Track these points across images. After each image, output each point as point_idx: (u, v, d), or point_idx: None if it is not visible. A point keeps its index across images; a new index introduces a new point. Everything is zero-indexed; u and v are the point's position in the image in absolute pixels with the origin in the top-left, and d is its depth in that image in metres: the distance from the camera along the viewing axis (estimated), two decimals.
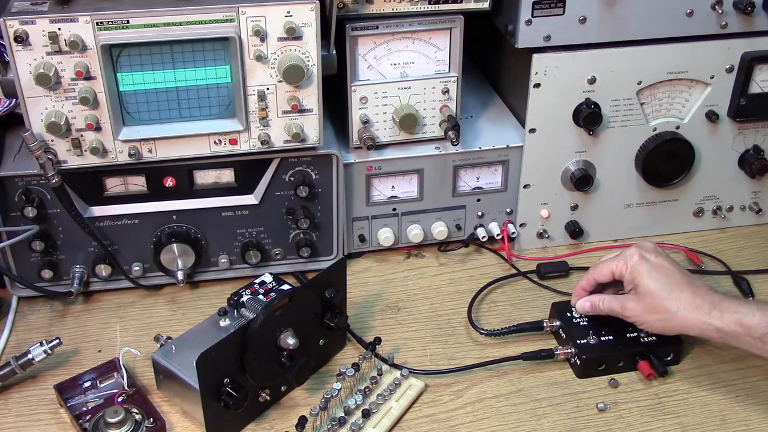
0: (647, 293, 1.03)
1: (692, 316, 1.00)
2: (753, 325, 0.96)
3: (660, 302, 1.02)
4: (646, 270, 1.03)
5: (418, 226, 1.30)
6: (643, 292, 1.03)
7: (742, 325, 0.97)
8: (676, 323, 1.02)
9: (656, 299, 1.02)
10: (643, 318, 1.04)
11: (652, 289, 1.02)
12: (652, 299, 1.02)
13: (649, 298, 1.03)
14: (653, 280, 1.02)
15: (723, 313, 0.98)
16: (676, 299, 1.01)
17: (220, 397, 0.95)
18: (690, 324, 1.01)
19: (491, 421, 1.03)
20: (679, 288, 1.02)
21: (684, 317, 1.01)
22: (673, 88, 1.25)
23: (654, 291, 1.02)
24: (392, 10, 1.14)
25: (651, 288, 1.02)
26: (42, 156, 1.04)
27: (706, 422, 1.02)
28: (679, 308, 1.01)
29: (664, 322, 1.03)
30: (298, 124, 1.12)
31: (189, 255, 1.19)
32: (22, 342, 1.13)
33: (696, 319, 1.00)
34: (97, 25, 1.01)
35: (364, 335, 1.15)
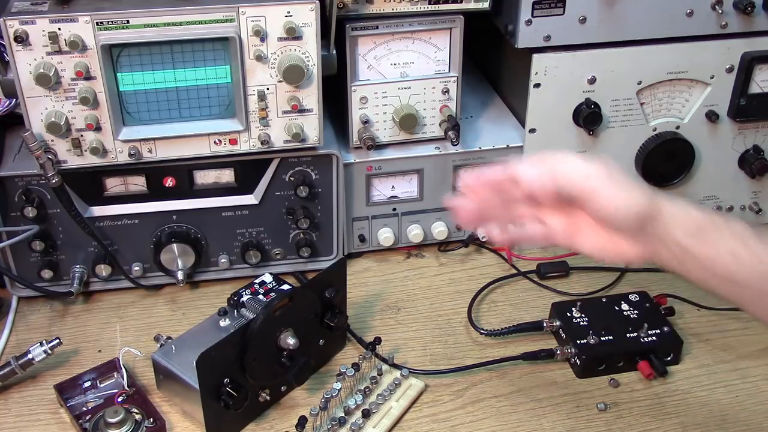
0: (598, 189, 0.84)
1: (632, 202, 0.83)
2: (685, 226, 0.82)
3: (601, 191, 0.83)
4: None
5: (418, 226, 1.30)
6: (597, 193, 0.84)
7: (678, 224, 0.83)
8: (618, 212, 0.85)
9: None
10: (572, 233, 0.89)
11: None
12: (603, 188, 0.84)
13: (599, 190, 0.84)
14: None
15: (660, 207, 0.83)
16: (617, 187, 0.83)
17: (220, 397, 0.95)
18: (632, 209, 0.83)
19: (491, 421, 1.03)
20: (624, 182, 0.84)
21: (625, 205, 0.83)
22: (673, 88, 1.25)
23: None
24: (392, 10, 1.14)
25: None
26: (42, 156, 1.04)
27: (706, 422, 1.02)
28: (617, 194, 0.83)
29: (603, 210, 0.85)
30: (298, 124, 1.12)
31: (189, 255, 1.19)
32: (22, 342, 1.13)
33: (636, 203, 0.83)
34: (97, 25, 1.01)
35: (364, 335, 1.15)
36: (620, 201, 0.82)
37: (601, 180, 0.82)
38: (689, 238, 0.82)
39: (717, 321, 1.18)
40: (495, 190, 0.87)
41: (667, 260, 0.84)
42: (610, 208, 0.82)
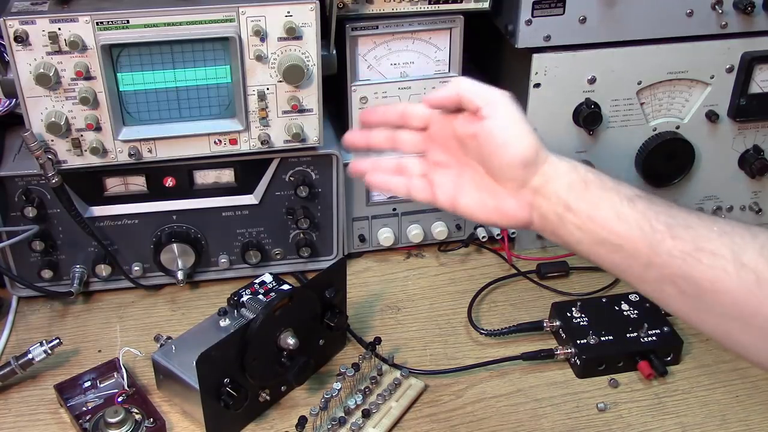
0: (499, 123, 0.83)
1: (526, 146, 0.82)
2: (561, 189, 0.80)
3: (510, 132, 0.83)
4: (501, 98, 0.85)
5: (418, 226, 1.30)
6: (496, 123, 0.83)
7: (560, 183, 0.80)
8: (513, 156, 0.83)
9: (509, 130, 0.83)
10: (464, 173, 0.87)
11: (506, 117, 0.84)
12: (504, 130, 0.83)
13: (501, 130, 0.83)
14: (511, 109, 0.85)
15: (548, 157, 0.82)
16: (526, 131, 0.83)
17: (220, 397, 0.95)
18: (522, 155, 0.82)
19: (491, 421, 1.03)
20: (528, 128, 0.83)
21: (521, 146, 0.82)
22: (673, 88, 1.25)
23: (507, 122, 0.83)
24: (392, 10, 1.14)
25: (506, 117, 0.84)
26: (42, 156, 1.04)
27: (706, 422, 1.02)
28: (519, 136, 0.83)
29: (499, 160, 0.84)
30: (298, 124, 1.12)
31: (189, 255, 1.19)
32: (22, 342, 1.13)
33: (529, 147, 0.82)
34: (97, 25, 1.01)
35: (364, 335, 1.15)
36: (513, 135, 0.80)
37: (504, 102, 0.82)
38: (571, 191, 0.78)
39: None
40: (388, 127, 0.90)
41: (546, 219, 0.80)
42: (503, 137, 0.80)
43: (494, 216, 0.84)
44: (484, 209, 0.84)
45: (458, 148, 0.85)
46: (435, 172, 0.87)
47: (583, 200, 0.77)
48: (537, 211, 0.81)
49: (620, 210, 0.75)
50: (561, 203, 0.78)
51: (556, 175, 0.80)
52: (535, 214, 0.81)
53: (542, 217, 0.80)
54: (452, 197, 0.86)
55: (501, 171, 0.81)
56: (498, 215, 0.83)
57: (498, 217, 0.83)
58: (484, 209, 0.84)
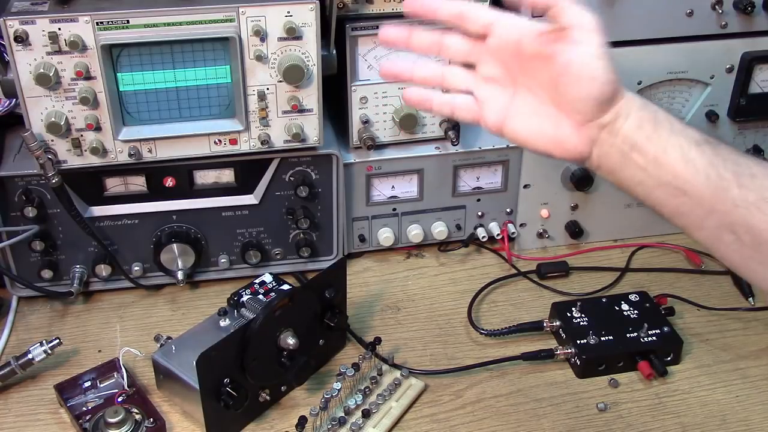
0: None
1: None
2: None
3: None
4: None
5: (418, 226, 1.30)
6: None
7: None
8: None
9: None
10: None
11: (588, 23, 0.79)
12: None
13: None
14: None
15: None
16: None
17: (220, 397, 0.95)
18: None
19: (491, 421, 1.03)
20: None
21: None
22: (673, 88, 1.25)
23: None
24: (392, 10, 1.14)
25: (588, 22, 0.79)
26: (42, 156, 1.04)
27: (706, 422, 1.02)
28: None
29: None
30: (298, 124, 1.12)
31: (189, 255, 1.19)
32: (22, 342, 1.13)
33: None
34: (97, 25, 1.01)
35: (364, 335, 1.15)
36: (598, 69, 0.74)
37: (598, 31, 0.75)
38: (640, 131, 0.74)
39: (717, 321, 1.18)
40: (436, 37, 0.80)
41: (607, 157, 0.75)
42: (587, 70, 0.74)
43: (550, 146, 0.77)
44: (539, 137, 0.77)
45: (519, 65, 0.77)
46: (483, 89, 0.79)
47: (652, 141, 0.73)
48: (599, 148, 0.76)
49: (688, 154, 0.72)
50: (628, 142, 0.74)
51: (628, 112, 0.75)
52: (596, 150, 0.76)
53: (604, 155, 0.76)
54: (502, 119, 0.78)
55: (572, 103, 0.75)
56: (554, 145, 0.77)
57: (554, 147, 0.77)
58: (540, 137, 0.77)
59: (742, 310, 1.20)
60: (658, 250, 1.34)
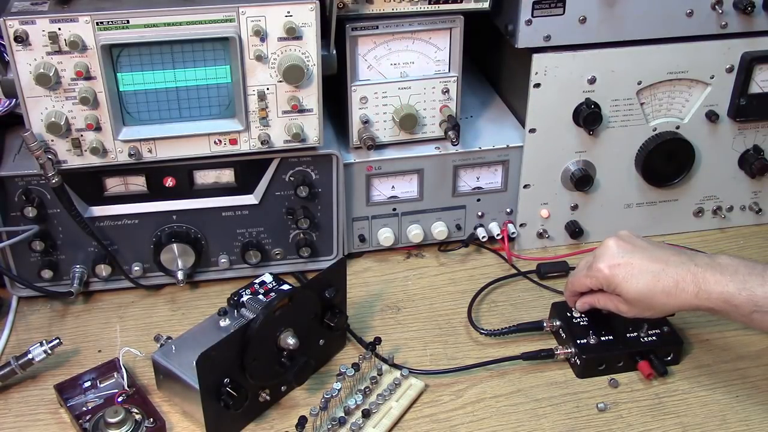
0: (632, 300, 1.01)
1: (682, 302, 0.98)
2: (739, 304, 0.95)
3: (648, 302, 1.00)
4: (622, 279, 1.01)
5: (418, 226, 1.30)
6: (629, 299, 1.01)
7: (730, 304, 0.95)
8: (671, 310, 1.02)
9: (644, 301, 1.00)
10: (641, 315, 1.03)
11: (635, 296, 1.00)
12: (640, 302, 1.01)
13: (637, 302, 1.01)
14: (633, 286, 1.00)
15: (710, 294, 0.96)
16: (661, 293, 0.99)
17: (220, 397, 0.95)
18: (684, 307, 1.00)
19: (491, 421, 1.03)
20: (661, 280, 0.99)
21: (676, 305, 1.00)
22: (673, 88, 1.25)
23: (638, 296, 1.00)
24: (392, 10, 1.14)
25: (633, 295, 1.00)
26: (42, 156, 1.04)
27: (706, 422, 1.02)
28: (667, 300, 0.99)
29: (662, 313, 1.03)
30: (298, 124, 1.12)
31: (189, 255, 1.19)
32: (22, 342, 1.13)
33: (687, 304, 0.98)
34: (97, 25, 1.01)
35: (364, 335, 1.15)
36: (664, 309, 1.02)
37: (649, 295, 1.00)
38: (746, 318, 0.96)
39: (717, 321, 1.18)
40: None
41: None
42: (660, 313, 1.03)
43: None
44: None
45: None
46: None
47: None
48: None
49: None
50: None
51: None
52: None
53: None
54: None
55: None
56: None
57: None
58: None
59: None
60: None
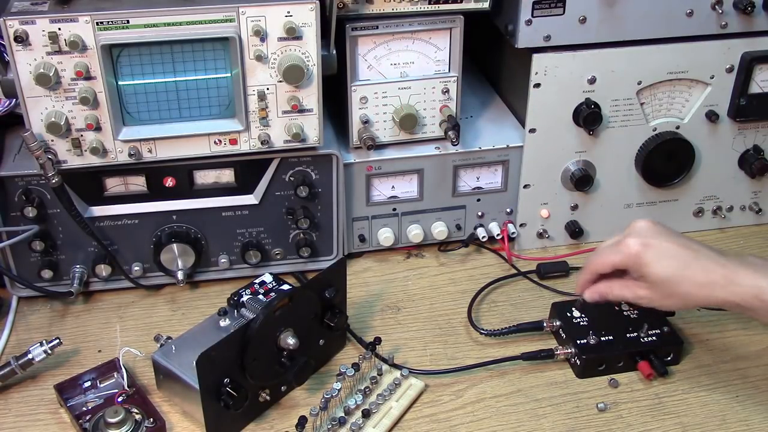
0: (658, 282, 0.97)
1: (709, 293, 0.95)
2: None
3: (673, 288, 0.96)
4: (651, 259, 0.97)
5: (418, 226, 1.30)
6: (654, 281, 0.97)
7: (760, 299, 0.92)
8: (693, 302, 0.98)
9: (668, 285, 0.96)
10: (659, 303, 0.99)
11: (662, 278, 0.96)
12: (664, 286, 0.97)
13: (661, 286, 0.97)
14: (661, 267, 0.96)
15: (741, 287, 0.93)
16: (689, 281, 0.95)
17: (220, 397, 0.95)
18: (709, 301, 0.96)
19: (491, 421, 1.03)
20: (690, 267, 0.96)
21: (701, 296, 0.96)
22: (673, 88, 1.25)
23: (664, 279, 0.96)
24: (392, 10, 1.14)
25: (661, 276, 0.96)
26: (42, 156, 1.04)
27: (706, 422, 1.02)
28: (693, 289, 0.95)
29: (683, 303, 0.98)
30: (298, 124, 1.12)
31: (189, 255, 1.19)
32: (22, 342, 1.13)
33: (713, 296, 0.95)
34: (97, 25, 1.01)
35: (364, 335, 1.15)
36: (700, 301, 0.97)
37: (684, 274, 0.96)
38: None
39: (717, 321, 1.18)
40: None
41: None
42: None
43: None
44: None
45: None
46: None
47: None
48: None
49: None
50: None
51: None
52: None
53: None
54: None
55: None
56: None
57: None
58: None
59: None
60: None
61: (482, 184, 1.29)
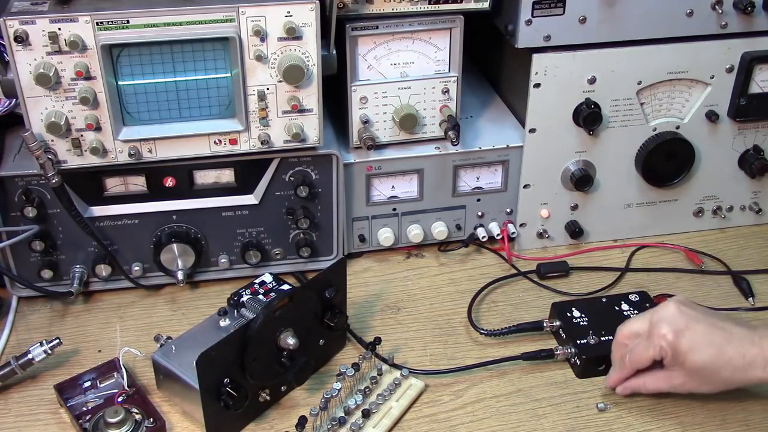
0: (695, 370, 0.95)
1: (747, 375, 0.93)
2: None
3: (712, 375, 0.95)
4: (687, 348, 0.94)
5: (418, 226, 1.30)
6: (691, 369, 0.95)
7: None
8: (732, 385, 0.97)
9: (707, 373, 0.95)
10: (698, 390, 0.98)
11: (700, 366, 0.94)
12: (703, 374, 0.95)
13: (700, 374, 0.95)
14: (699, 356, 0.94)
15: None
16: (727, 367, 0.93)
17: (220, 397, 0.95)
18: (747, 381, 0.95)
19: (491, 421, 1.03)
20: (726, 353, 0.93)
21: (739, 379, 0.95)
22: (673, 88, 1.25)
23: (702, 367, 0.94)
24: (392, 10, 1.14)
25: (698, 365, 0.94)
26: (42, 156, 1.04)
27: (706, 422, 1.02)
28: (733, 373, 0.94)
29: (722, 387, 0.97)
30: (298, 124, 1.12)
31: (189, 255, 1.19)
32: (22, 342, 1.13)
33: (751, 377, 0.93)
34: (97, 25, 1.01)
35: (364, 335, 1.15)
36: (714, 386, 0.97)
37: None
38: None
39: None
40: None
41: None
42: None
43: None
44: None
45: None
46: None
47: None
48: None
49: None
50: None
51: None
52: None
53: None
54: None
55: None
56: None
57: None
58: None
59: (743, 310, 1.20)
60: (658, 250, 1.34)
61: (482, 184, 1.29)
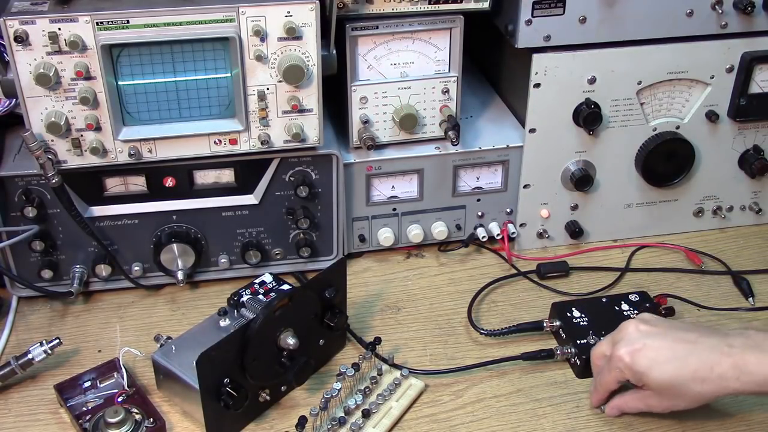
0: (661, 388, 0.92)
1: (720, 387, 0.89)
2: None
3: (679, 390, 0.91)
4: (645, 366, 0.91)
5: (418, 226, 1.30)
6: (657, 388, 0.93)
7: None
8: (707, 398, 0.92)
9: (674, 389, 0.92)
10: (673, 407, 0.95)
11: (662, 383, 0.92)
12: (670, 391, 0.92)
13: (668, 391, 0.92)
14: (659, 374, 0.91)
15: (755, 375, 0.87)
16: (693, 380, 0.90)
17: (220, 397, 0.95)
18: (724, 393, 0.91)
19: (491, 421, 1.03)
20: (690, 365, 0.90)
21: (711, 391, 0.90)
22: (673, 88, 1.25)
23: (665, 384, 0.91)
24: (392, 10, 1.14)
25: (660, 382, 0.92)
26: (42, 156, 1.04)
27: (706, 422, 1.02)
28: (704, 386, 0.90)
29: (697, 401, 0.93)
30: (298, 124, 1.12)
31: (189, 255, 1.19)
32: (22, 342, 1.13)
33: (727, 388, 0.89)
34: (97, 25, 1.01)
35: (364, 335, 1.15)
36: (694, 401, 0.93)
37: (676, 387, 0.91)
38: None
39: (717, 321, 1.18)
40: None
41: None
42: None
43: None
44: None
45: None
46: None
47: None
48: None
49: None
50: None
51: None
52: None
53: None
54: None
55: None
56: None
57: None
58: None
59: (742, 310, 1.20)
60: (658, 250, 1.34)
61: (482, 184, 1.29)
